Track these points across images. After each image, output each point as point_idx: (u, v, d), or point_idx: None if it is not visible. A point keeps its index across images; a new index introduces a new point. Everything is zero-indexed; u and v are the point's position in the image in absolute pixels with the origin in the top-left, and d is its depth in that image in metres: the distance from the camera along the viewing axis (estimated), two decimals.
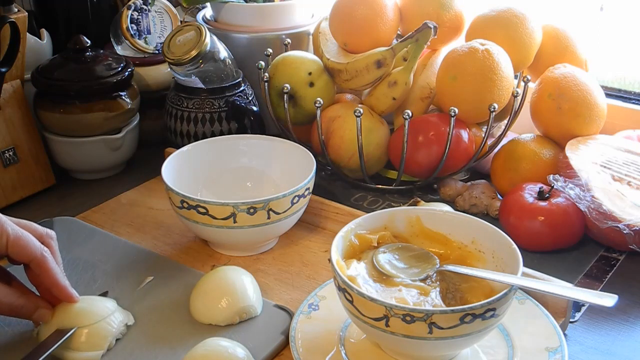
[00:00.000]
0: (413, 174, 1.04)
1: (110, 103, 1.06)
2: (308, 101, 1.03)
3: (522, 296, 0.77)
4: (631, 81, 1.16)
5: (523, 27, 1.01)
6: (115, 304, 0.76)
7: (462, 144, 0.99)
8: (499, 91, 0.97)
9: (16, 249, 0.70)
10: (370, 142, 1.01)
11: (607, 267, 0.89)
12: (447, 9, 1.04)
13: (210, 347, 0.69)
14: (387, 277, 0.72)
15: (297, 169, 0.93)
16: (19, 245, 0.70)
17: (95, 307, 0.74)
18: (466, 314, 0.63)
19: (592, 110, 0.98)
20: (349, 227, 0.75)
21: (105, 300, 0.76)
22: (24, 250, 0.70)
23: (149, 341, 0.75)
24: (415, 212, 0.79)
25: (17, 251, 0.70)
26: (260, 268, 0.88)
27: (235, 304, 0.76)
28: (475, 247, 0.76)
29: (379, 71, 1.01)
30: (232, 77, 1.09)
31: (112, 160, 1.10)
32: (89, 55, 1.07)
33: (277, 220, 0.86)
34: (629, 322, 0.80)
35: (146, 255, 0.89)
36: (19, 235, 0.70)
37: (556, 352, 0.70)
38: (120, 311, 0.76)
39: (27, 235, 0.71)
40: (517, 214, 0.92)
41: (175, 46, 1.04)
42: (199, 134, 1.07)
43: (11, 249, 0.69)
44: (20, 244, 0.70)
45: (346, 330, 0.75)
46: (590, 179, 0.90)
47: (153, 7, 1.19)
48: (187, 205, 0.85)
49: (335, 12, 1.07)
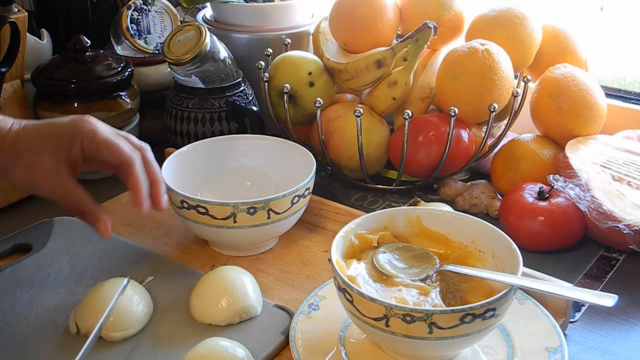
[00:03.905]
0: (413, 174, 1.04)
1: (110, 103, 1.06)
2: (308, 101, 1.03)
3: (522, 296, 0.77)
4: (631, 81, 1.16)
5: (523, 27, 1.01)
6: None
7: (462, 144, 0.99)
8: (499, 91, 0.97)
9: (106, 151, 0.75)
10: (370, 142, 1.01)
11: (607, 267, 0.89)
12: (447, 9, 1.04)
13: (210, 347, 0.69)
14: (387, 277, 0.72)
15: (297, 169, 0.93)
16: (109, 148, 0.75)
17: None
18: (466, 314, 0.63)
19: (592, 110, 0.98)
20: (349, 227, 0.75)
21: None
22: (113, 153, 0.75)
23: (149, 341, 0.75)
24: (415, 212, 0.79)
25: (107, 153, 0.75)
26: (260, 268, 0.88)
27: (235, 304, 0.76)
28: (475, 247, 0.76)
29: (379, 71, 1.01)
30: (232, 77, 1.09)
31: None
32: (89, 55, 1.07)
33: (277, 220, 0.86)
34: (629, 322, 0.80)
35: (146, 255, 0.89)
36: (109, 138, 0.75)
37: (556, 352, 0.70)
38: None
39: (118, 139, 0.76)
40: (517, 214, 0.92)
41: (175, 46, 1.04)
42: (199, 134, 1.07)
43: (102, 151, 0.75)
44: (110, 147, 0.75)
45: (346, 330, 0.75)
46: (590, 179, 0.90)
47: (153, 7, 1.19)
48: (187, 205, 0.85)
49: (335, 12, 1.07)
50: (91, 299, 0.76)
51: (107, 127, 0.77)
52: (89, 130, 0.75)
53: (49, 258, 0.87)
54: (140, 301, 0.76)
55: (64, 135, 0.74)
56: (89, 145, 0.75)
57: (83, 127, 0.75)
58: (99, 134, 0.75)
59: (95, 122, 0.76)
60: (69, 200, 0.75)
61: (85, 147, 0.75)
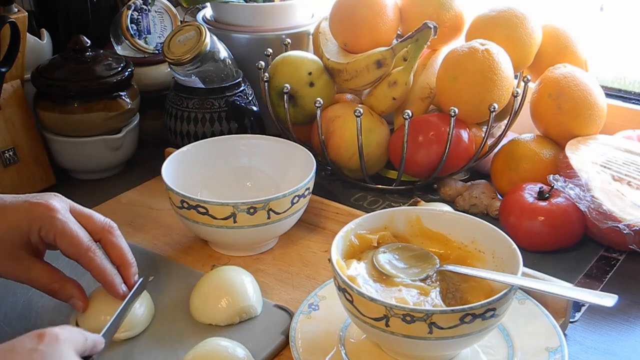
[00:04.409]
0: (413, 174, 1.04)
1: (110, 103, 1.06)
2: (308, 101, 1.03)
3: (522, 296, 0.77)
4: (631, 81, 1.15)
5: (523, 27, 1.01)
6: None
7: (462, 144, 0.99)
8: (499, 91, 0.97)
9: (64, 242, 0.71)
10: (370, 142, 1.01)
11: (607, 267, 0.89)
12: (447, 9, 1.04)
13: (210, 347, 0.69)
14: (387, 277, 0.72)
15: (297, 169, 0.93)
16: (66, 238, 0.71)
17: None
18: (466, 314, 0.63)
19: (592, 110, 0.98)
20: (349, 227, 0.75)
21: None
22: (71, 244, 0.71)
23: (149, 341, 0.75)
24: (415, 212, 0.79)
25: (65, 244, 0.71)
26: (260, 268, 0.88)
27: (235, 304, 0.76)
28: (475, 247, 0.76)
29: (379, 71, 1.01)
30: (232, 77, 1.09)
31: (112, 160, 1.10)
32: (89, 55, 1.07)
33: (277, 220, 0.86)
34: (629, 322, 0.80)
35: (146, 255, 0.89)
36: (67, 228, 0.71)
37: (556, 352, 0.70)
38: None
39: (76, 230, 0.72)
40: (517, 214, 0.92)
41: (175, 46, 1.04)
42: (199, 134, 1.07)
43: (60, 242, 0.71)
44: (66, 237, 0.71)
45: (346, 330, 0.75)
46: (590, 179, 0.90)
47: (153, 7, 1.19)
48: (187, 205, 0.85)
49: (335, 12, 1.07)
50: (92, 299, 0.76)
51: (68, 208, 0.73)
52: (46, 217, 0.71)
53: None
54: (142, 303, 0.76)
55: (20, 222, 0.71)
56: (47, 234, 0.71)
57: (39, 214, 0.71)
58: (56, 222, 0.70)
59: (55, 206, 0.71)
60: (34, 283, 0.73)
61: (43, 236, 0.71)
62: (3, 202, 0.72)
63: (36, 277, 0.73)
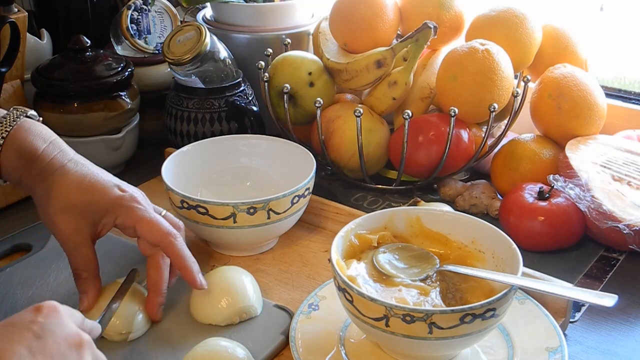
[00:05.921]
0: (413, 174, 1.04)
1: (110, 103, 1.06)
2: (308, 101, 1.03)
3: (522, 296, 0.77)
4: (631, 81, 1.16)
5: (523, 27, 1.01)
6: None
7: (462, 144, 0.99)
8: (499, 91, 0.97)
9: (145, 229, 0.75)
10: (370, 142, 1.01)
11: (607, 267, 0.89)
12: (447, 9, 1.04)
13: (210, 347, 0.69)
14: (387, 277, 0.72)
15: (297, 169, 0.93)
16: (145, 227, 0.75)
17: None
18: (466, 314, 0.63)
19: (592, 110, 0.98)
20: (349, 227, 0.75)
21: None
22: (151, 232, 0.75)
23: (149, 341, 0.75)
24: (415, 212, 0.79)
25: (146, 230, 0.75)
26: (260, 268, 0.88)
27: (235, 304, 0.76)
28: (475, 247, 0.76)
29: (379, 71, 1.01)
30: (232, 77, 1.09)
31: (112, 160, 1.10)
32: (89, 55, 1.07)
33: (277, 220, 0.86)
34: (629, 322, 0.80)
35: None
36: (146, 217, 0.75)
37: (556, 352, 0.70)
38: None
39: (156, 217, 0.76)
40: (517, 214, 0.92)
41: (175, 46, 1.04)
42: (199, 134, 1.07)
43: (139, 229, 0.75)
44: (145, 226, 0.75)
45: (346, 330, 0.75)
46: (590, 179, 0.90)
47: (153, 7, 1.19)
48: (187, 205, 0.85)
49: (335, 12, 1.07)
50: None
51: (147, 206, 0.77)
52: (126, 207, 0.75)
53: (49, 258, 0.87)
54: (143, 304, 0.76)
55: (102, 205, 0.74)
56: (124, 222, 0.75)
57: (123, 203, 0.75)
58: (137, 211, 0.75)
59: (138, 199, 0.76)
60: (74, 258, 0.75)
61: (119, 224, 0.75)
62: (95, 179, 0.75)
63: (79, 255, 0.74)
